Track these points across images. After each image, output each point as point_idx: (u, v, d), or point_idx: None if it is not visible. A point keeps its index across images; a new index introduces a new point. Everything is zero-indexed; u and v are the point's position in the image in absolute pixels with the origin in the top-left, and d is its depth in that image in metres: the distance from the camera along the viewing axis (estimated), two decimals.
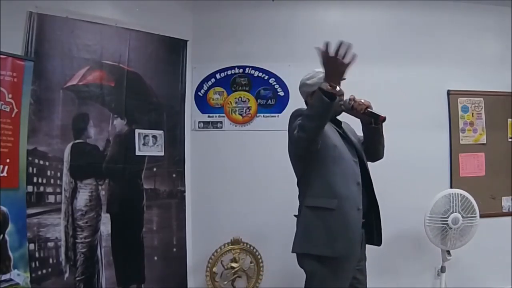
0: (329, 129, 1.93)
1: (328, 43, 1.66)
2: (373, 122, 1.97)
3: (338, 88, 1.71)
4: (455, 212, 3.13)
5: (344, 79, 1.79)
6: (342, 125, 2.11)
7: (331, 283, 1.85)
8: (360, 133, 2.18)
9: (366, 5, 3.64)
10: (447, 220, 3.11)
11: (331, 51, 1.67)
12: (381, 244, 2.07)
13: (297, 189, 2.13)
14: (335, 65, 1.67)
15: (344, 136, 1.98)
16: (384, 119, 1.94)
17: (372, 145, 1.97)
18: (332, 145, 1.88)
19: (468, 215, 3.17)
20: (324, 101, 1.67)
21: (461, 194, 3.18)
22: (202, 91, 3.65)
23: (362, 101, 1.97)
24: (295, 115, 1.90)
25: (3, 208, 2.49)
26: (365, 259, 2.06)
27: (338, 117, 2.11)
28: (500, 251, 3.57)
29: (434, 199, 3.15)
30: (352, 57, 1.67)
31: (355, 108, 1.96)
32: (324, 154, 1.88)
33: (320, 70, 1.85)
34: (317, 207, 1.89)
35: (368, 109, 1.95)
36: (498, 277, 3.55)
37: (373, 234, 2.00)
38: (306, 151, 1.86)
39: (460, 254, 3.38)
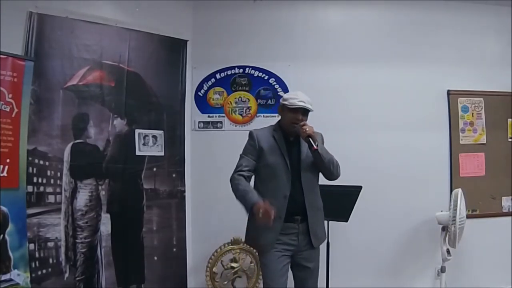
0: (269, 150, 2.33)
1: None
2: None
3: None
4: (465, 211, 3.21)
5: None
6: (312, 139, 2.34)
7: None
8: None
9: (366, 5, 3.64)
10: (464, 219, 3.17)
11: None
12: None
13: None
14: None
15: (284, 155, 2.32)
16: (315, 150, 2.26)
17: (317, 166, 2.34)
18: (267, 165, 2.31)
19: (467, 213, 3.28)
20: (245, 207, 2.22)
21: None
22: (202, 91, 3.65)
23: (307, 129, 2.28)
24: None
25: (3, 208, 2.49)
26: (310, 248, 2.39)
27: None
28: (500, 251, 3.57)
29: (458, 201, 3.13)
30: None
31: (299, 132, 2.32)
32: (261, 172, 2.35)
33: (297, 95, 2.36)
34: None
35: (308, 137, 2.27)
36: (498, 277, 3.55)
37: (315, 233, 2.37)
38: None
39: (460, 254, 3.38)
